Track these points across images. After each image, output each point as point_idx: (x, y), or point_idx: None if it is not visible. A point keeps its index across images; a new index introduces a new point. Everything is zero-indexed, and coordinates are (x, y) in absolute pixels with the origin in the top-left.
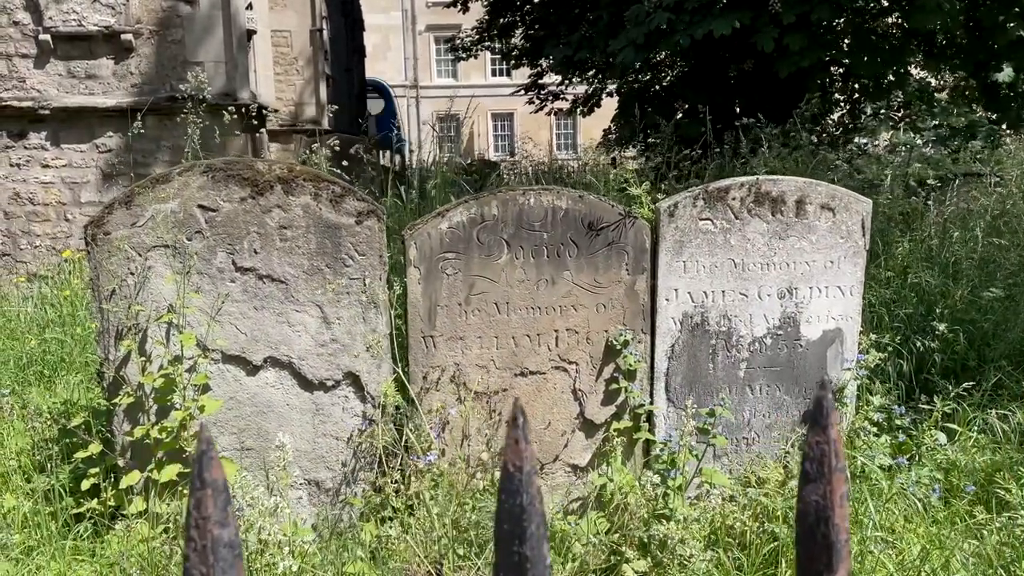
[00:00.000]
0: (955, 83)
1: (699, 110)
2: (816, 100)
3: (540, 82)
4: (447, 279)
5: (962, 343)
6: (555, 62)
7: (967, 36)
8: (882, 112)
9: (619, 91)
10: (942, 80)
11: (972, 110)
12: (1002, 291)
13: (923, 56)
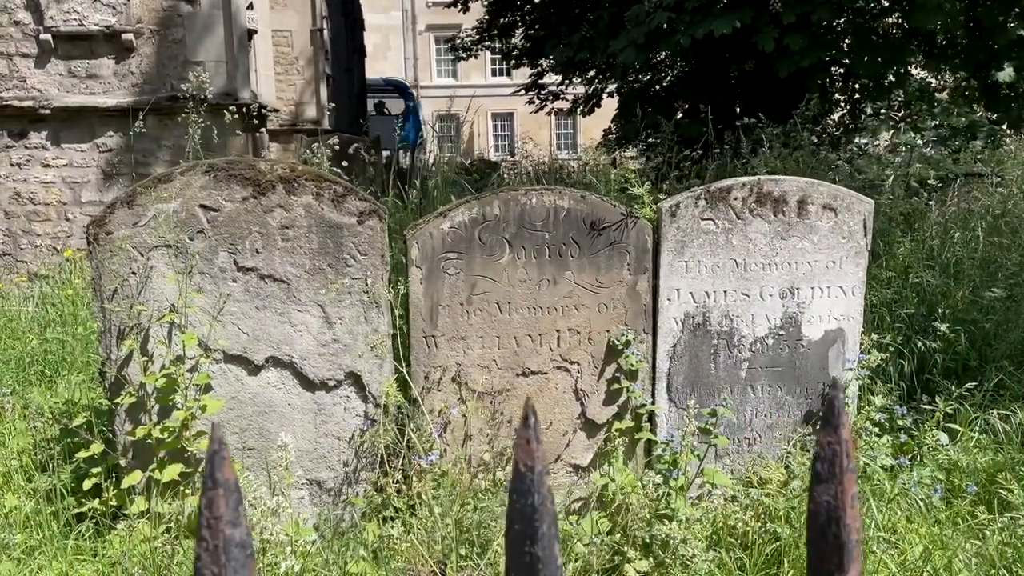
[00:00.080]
0: (955, 83)
1: (699, 110)
2: (816, 100)
3: (540, 82)
4: (449, 279)
5: (963, 343)
6: (555, 63)
7: (967, 36)
8: (882, 112)
9: (619, 91)
10: (942, 80)
11: (973, 110)
12: (1003, 291)
13: (923, 56)
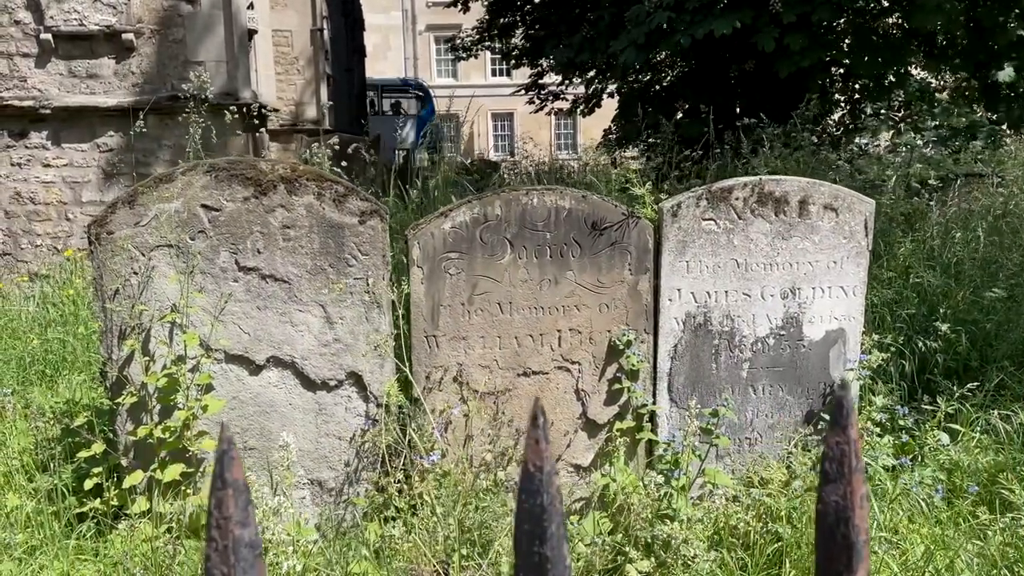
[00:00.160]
0: (955, 83)
1: (700, 110)
2: (817, 100)
3: (540, 82)
4: (450, 279)
5: (964, 343)
6: (556, 63)
7: (967, 36)
8: (882, 112)
9: (619, 91)
10: (942, 80)
11: (973, 110)
12: (1004, 291)
13: (924, 56)
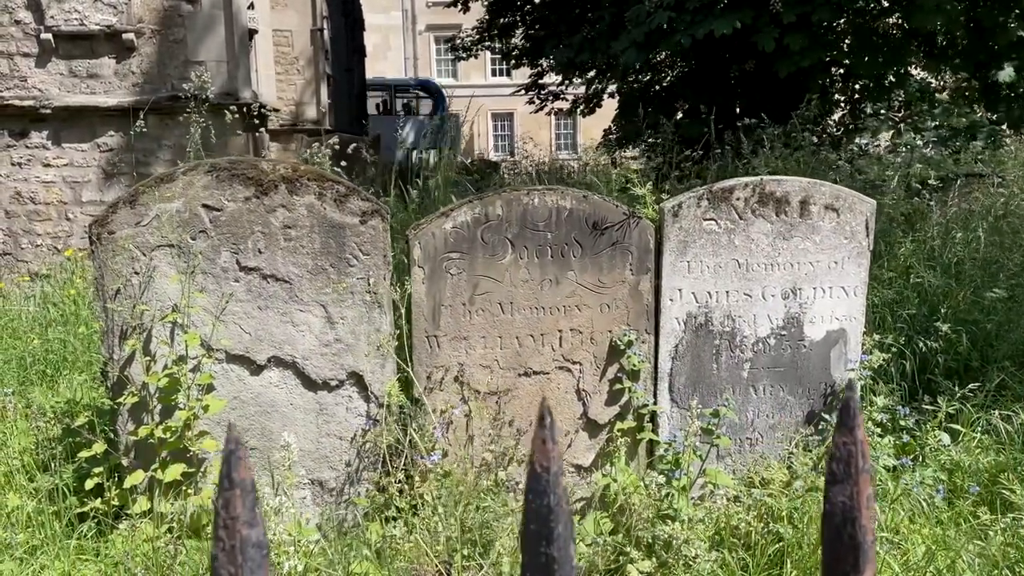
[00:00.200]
0: (956, 84)
1: (700, 110)
2: (817, 100)
3: (540, 82)
4: (451, 279)
5: (965, 344)
6: (556, 63)
7: (968, 36)
8: (882, 112)
9: (620, 91)
10: (942, 81)
11: (973, 110)
12: (1005, 292)
13: (924, 56)
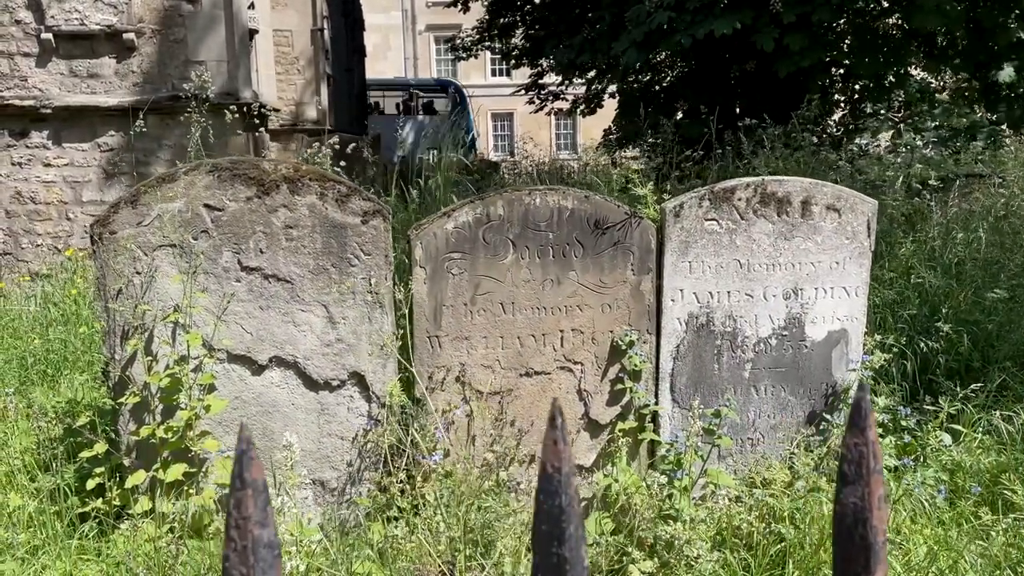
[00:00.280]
0: (956, 84)
1: (700, 110)
2: (817, 100)
3: (540, 82)
4: (453, 279)
5: (966, 344)
6: (556, 64)
7: (968, 37)
8: (882, 113)
9: (620, 91)
10: (942, 81)
11: (973, 111)
12: (1006, 292)
13: (924, 57)
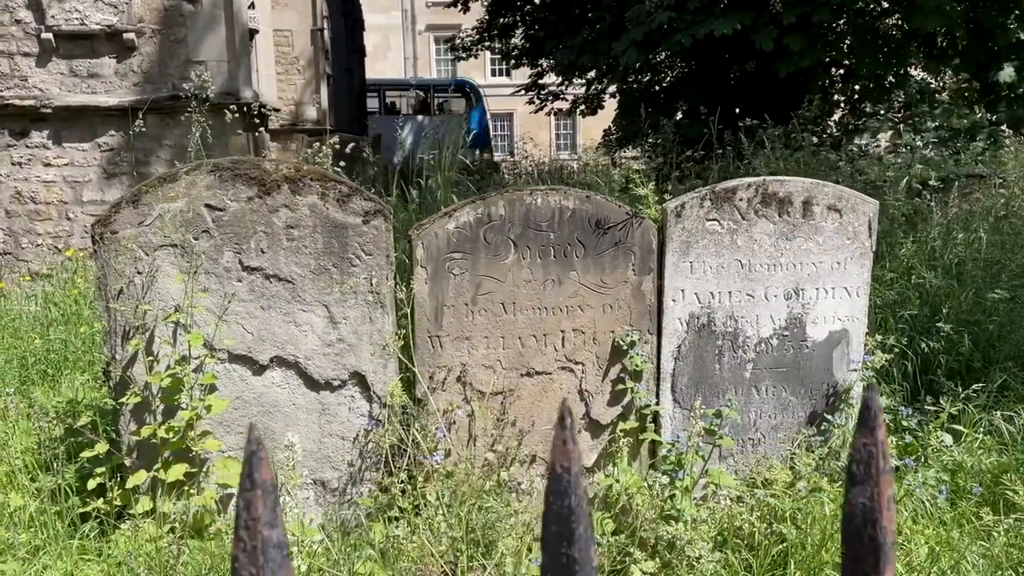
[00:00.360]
0: (956, 84)
1: (700, 111)
2: (817, 101)
3: (540, 82)
4: (454, 279)
5: (967, 344)
6: (556, 64)
7: (968, 37)
8: (882, 113)
9: (620, 91)
10: (942, 81)
11: (973, 111)
12: (1006, 292)
13: (924, 57)
